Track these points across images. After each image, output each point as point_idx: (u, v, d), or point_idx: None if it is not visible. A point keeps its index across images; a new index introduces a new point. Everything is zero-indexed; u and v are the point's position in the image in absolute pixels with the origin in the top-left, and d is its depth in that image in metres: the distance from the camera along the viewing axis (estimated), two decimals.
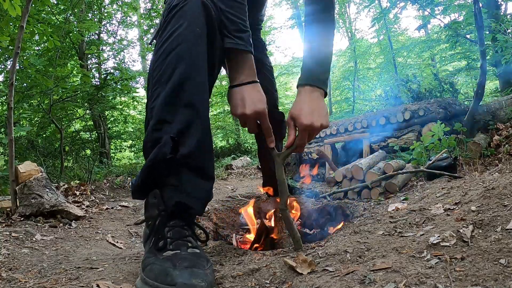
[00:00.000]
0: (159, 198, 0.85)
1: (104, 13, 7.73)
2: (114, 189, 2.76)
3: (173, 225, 0.85)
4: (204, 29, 0.90)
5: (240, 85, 0.96)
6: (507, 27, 4.18)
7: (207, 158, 0.88)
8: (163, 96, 0.85)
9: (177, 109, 0.84)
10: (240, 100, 0.95)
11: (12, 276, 0.93)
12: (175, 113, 0.84)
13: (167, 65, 0.87)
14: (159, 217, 0.84)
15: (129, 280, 0.88)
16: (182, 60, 0.86)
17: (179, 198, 0.83)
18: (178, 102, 0.84)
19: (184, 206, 0.84)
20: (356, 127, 3.38)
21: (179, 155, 0.82)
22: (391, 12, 5.86)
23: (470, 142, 2.47)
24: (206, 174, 0.89)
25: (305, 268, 0.81)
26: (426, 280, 0.64)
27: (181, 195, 0.84)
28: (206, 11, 0.92)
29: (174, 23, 0.90)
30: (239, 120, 0.99)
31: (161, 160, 0.82)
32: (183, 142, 0.83)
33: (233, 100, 0.96)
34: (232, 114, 0.98)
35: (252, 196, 2.46)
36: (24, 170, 1.78)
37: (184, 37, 0.87)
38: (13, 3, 2.13)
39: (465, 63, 7.44)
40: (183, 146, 0.83)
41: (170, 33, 0.89)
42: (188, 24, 0.88)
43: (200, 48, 0.89)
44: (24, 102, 4.67)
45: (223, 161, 6.94)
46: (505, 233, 0.76)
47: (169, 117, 0.84)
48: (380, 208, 1.45)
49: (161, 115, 0.85)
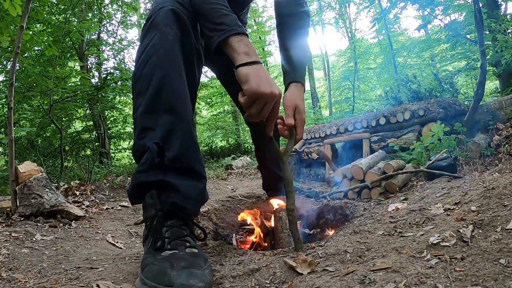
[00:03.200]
0: (156, 198, 0.86)
1: (104, 13, 7.73)
2: (114, 189, 2.76)
3: (170, 225, 0.85)
4: (176, 35, 0.94)
5: (250, 63, 0.89)
6: (507, 27, 4.18)
7: (194, 159, 0.90)
8: (144, 105, 0.89)
9: (158, 116, 0.87)
10: (261, 78, 0.87)
11: (12, 276, 0.93)
12: (157, 120, 0.87)
13: (145, 75, 0.91)
14: (157, 217, 0.85)
15: (129, 280, 0.88)
16: (157, 68, 0.90)
17: (173, 199, 0.85)
18: (158, 109, 0.88)
19: (178, 207, 0.86)
20: (356, 127, 3.38)
21: (166, 159, 0.85)
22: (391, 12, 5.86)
23: (470, 142, 2.47)
24: (196, 174, 0.90)
25: (305, 268, 0.81)
26: (426, 280, 0.64)
27: (175, 196, 0.85)
28: (176, 16, 0.95)
29: (149, 35, 0.94)
30: (250, 101, 0.89)
31: (150, 166, 0.85)
32: (168, 147, 0.86)
33: (251, 77, 0.87)
34: (252, 93, 0.87)
35: (252, 196, 2.46)
36: (24, 170, 1.78)
37: (157, 46, 0.91)
38: (14, 2, 2.13)
39: (465, 63, 7.43)
40: (168, 151, 0.85)
41: (146, 45, 0.93)
42: (160, 33, 0.92)
43: (173, 54, 0.92)
44: (24, 102, 4.67)
45: (223, 161, 6.93)
46: (505, 233, 0.76)
47: (151, 125, 0.88)
48: (380, 208, 1.45)
49: (143, 124, 0.89)
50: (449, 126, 2.43)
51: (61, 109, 4.78)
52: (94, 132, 6.89)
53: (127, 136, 8.89)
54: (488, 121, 2.98)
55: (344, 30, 15.29)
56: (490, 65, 5.71)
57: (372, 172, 2.14)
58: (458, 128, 2.42)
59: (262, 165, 1.92)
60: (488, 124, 2.95)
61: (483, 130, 2.95)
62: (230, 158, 7.27)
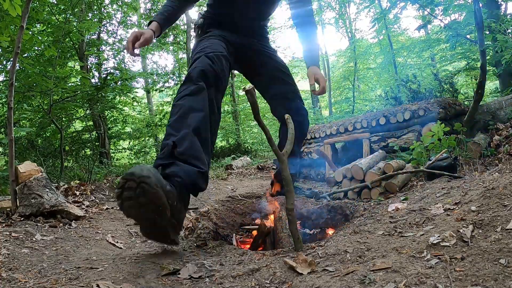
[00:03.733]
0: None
1: (104, 13, 7.72)
2: (114, 189, 2.76)
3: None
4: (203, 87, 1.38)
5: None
6: (507, 27, 4.18)
7: (193, 156, 1.24)
8: (172, 121, 1.30)
9: (179, 129, 1.27)
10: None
11: (12, 276, 0.93)
12: (178, 131, 1.27)
13: (177, 104, 1.34)
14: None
15: (129, 280, 0.88)
16: (186, 101, 1.33)
17: (173, 170, 1.18)
18: (181, 126, 1.27)
19: (175, 173, 1.17)
20: (356, 127, 3.38)
21: (176, 152, 1.21)
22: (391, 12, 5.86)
23: (470, 142, 2.47)
24: (193, 165, 1.21)
25: (305, 268, 0.81)
26: (426, 280, 0.64)
27: (175, 169, 1.18)
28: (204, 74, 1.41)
29: (184, 85, 1.40)
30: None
31: (166, 155, 1.21)
32: (179, 145, 1.22)
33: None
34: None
35: (252, 196, 2.46)
36: (24, 170, 1.78)
37: (187, 91, 1.35)
38: (13, 3, 2.13)
39: (465, 63, 7.43)
40: (179, 147, 1.22)
41: (180, 91, 1.38)
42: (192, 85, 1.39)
43: (197, 96, 1.35)
44: (24, 102, 4.67)
45: (223, 161, 6.93)
46: (505, 233, 0.76)
47: (174, 132, 1.27)
48: (380, 208, 1.45)
49: (169, 132, 1.28)
50: (449, 126, 2.43)
51: (61, 109, 4.77)
52: (94, 132, 6.88)
53: (127, 136, 8.88)
54: (488, 121, 2.98)
55: (344, 30, 15.27)
56: (490, 65, 5.71)
57: (372, 172, 2.14)
58: (458, 128, 2.42)
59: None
60: (488, 124, 2.95)
61: (483, 130, 2.95)
62: (230, 158, 7.27)
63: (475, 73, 7.17)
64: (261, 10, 1.77)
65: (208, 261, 1.05)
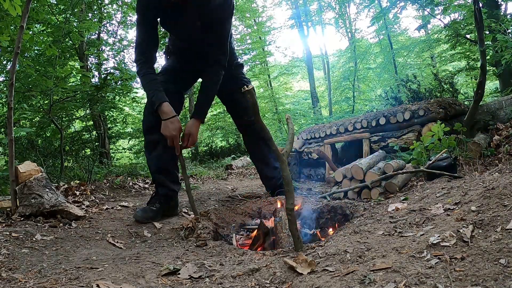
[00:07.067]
0: None
1: (104, 13, 7.72)
2: (114, 189, 2.76)
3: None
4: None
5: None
6: (507, 27, 4.18)
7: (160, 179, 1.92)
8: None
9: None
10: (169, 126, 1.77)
11: (12, 276, 0.93)
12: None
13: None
14: None
15: (129, 280, 0.88)
16: None
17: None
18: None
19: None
20: (356, 127, 3.38)
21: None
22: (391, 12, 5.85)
23: (470, 142, 2.46)
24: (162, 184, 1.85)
25: (305, 268, 0.81)
26: (426, 280, 0.64)
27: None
28: None
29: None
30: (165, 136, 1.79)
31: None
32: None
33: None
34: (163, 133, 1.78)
35: (252, 196, 2.46)
36: (24, 170, 1.78)
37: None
38: (14, 3, 2.13)
39: (465, 63, 7.42)
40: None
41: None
42: None
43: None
44: (24, 102, 4.66)
45: (223, 161, 6.93)
46: (505, 233, 0.76)
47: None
48: (380, 208, 1.45)
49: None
50: (449, 126, 2.43)
51: (61, 109, 4.76)
52: (94, 132, 6.87)
53: (127, 136, 8.87)
54: (488, 121, 2.97)
55: (344, 30, 15.27)
56: (490, 65, 5.70)
57: (372, 172, 2.14)
58: (458, 128, 2.41)
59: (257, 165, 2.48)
60: (488, 124, 2.95)
61: (483, 130, 2.94)
62: (230, 158, 7.26)
63: (475, 73, 7.17)
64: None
65: (208, 261, 1.05)
